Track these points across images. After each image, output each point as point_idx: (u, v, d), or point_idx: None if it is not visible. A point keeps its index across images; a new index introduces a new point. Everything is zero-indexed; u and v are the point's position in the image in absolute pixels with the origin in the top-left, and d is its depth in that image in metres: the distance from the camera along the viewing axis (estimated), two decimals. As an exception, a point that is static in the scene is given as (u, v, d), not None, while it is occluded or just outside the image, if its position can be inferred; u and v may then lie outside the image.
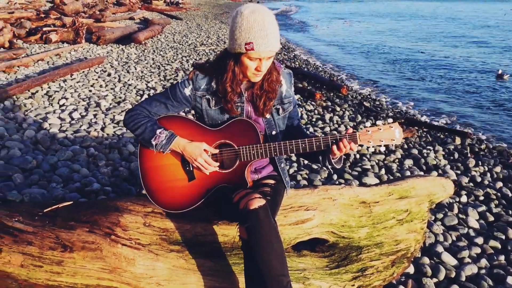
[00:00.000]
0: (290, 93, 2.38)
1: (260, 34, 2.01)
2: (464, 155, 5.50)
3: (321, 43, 20.25)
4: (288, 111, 2.39)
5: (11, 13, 13.93)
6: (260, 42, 2.02)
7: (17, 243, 2.13)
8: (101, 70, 8.50)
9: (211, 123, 2.30)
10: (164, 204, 2.31)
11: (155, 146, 2.21)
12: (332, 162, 2.24)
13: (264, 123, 2.32)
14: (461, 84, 11.49)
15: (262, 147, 2.21)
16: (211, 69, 2.25)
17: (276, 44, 2.07)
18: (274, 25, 2.07)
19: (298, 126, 2.48)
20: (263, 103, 2.24)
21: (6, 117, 5.09)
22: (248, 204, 2.00)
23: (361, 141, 2.19)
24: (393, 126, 2.20)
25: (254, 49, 2.02)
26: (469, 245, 3.39)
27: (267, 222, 1.98)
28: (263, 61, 2.09)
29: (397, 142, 2.20)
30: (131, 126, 2.26)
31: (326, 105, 7.49)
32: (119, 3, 26.37)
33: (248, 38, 2.02)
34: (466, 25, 31.73)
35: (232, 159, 2.25)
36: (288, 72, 2.38)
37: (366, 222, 2.67)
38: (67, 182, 3.67)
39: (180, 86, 2.27)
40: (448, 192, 2.97)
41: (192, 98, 2.28)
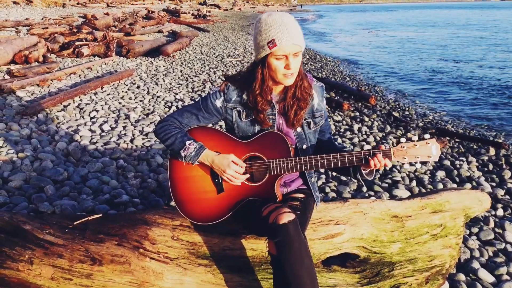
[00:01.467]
0: (322, 107, 2.34)
1: (281, 29, 2.01)
2: (499, 166, 5.31)
3: (348, 52, 20.14)
4: (319, 125, 2.35)
5: (46, 29, 14.43)
6: (282, 36, 2.00)
7: (48, 255, 2.15)
8: (131, 83, 8.65)
9: (242, 135, 2.29)
10: (192, 215, 2.29)
11: (184, 158, 2.20)
12: (363, 174, 2.19)
13: (295, 136, 2.28)
14: (495, 93, 11.18)
15: (293, 161, 2.17)
16: (242, 81, 2.24)
17: (299, 38, 2.04)
18: (293, 22, 2.06)
19: (329, 140, 2.43)
20: (294, 112, 2.21)
21: (39, 129, 5.22)
22: (277, 218, 1.96)
23: (396, 157, 2.12)
24: (430, 142, 2.10)
25: (277, 45, 2.01)
26: (507, 261, 3.25)
27: (297, 238, 1.94)
28: (290, 58, 2.05)
29: (434, 159, 2.10)
30: (161, 136, 2.26)
31: (354, 115, 7.40)
32: (148, 17, 27.00)
33: (269, 37, 2.02)
34: (498, 32, 31.04)
35: (262, 172, 2.22)
36: (320, 86, 2.34)
37: (399, 237, 2.58)
38: (97, 193, 3.71)
39: (211, 97, 2.27)
40: (484, 206, 2.85)
41: (223, 110, 2.28)
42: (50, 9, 28.11)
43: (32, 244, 2.19)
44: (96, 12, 27.73)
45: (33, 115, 5.72)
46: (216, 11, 49.80)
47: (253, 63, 2.21)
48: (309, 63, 14.29)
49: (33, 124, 5.38)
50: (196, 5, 57.29)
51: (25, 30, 14.82)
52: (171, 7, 41.91)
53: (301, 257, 1.93)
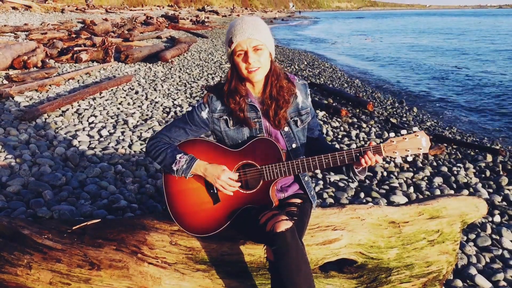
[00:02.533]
0: (307, 104, 2.37)
1: (237, 28, 2.13)
2: (496, 173, 5.34)
3: (345, 58, 20.21)
4: (307, 122, 2.37)
5: (44, 34, 14.46)
6: (236, 33, 2.11)
7: (46, 260, 2.16)
8: (129, 88, 8.67)
9: (232, 143, 2.30)
10: (191, 228, 2.29)
11: (176, 172, 2.21)
12: (356, 172, 2.23)
13: (283, 136, 2.30)
14: (493, 100, 11.24)
15: (285, 165, 2.18)
16: (221, 88, 2.27)
17: (255, 32, 2.11)
18: (254, 20, 2.16)
19: (320, 137, 2.46)
20: (273, 111, 2.23)
21: (38, 134, 5.23)
22: (275, 226, 1.97)
23: (386, 152, 2.14)
24: (419, 135, 2.13)
25: (233, 42, 2.11)
26: (504, 267, 3.26)
27: (294, 245, 1.95)
28: (250, 53, 2.11)
29: (424, 150, 2.12)
30: (152, 154, 2.28)
31: (352, 121, 7.42)
32: (147, 23, 27.09)
33: (228, 37, 2.16)
34: (492, 39, 31.23)
35: (256, 179, 2.23)
36: (302, 83, 2.38)
37: (396, 243, 2.60)
38: (95, 198, 3.72)
39: (196, 110, 2.30)
40: (481, 212, 2.87)
41: (210, 121, 2.30)
42: (49, 14, 28.18)
43: (30, 248, 2.20)
44: (95, 18, 27.82)
45: (31, 120, 5.73)
46: (214, 17, 50.02)
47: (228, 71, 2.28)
48: (307, 69, 14.34)
49: (32, 129, 5.39)
50: (195, 11, 57.53)
51: (24, 36, 14.85)
52: (169, 13, 42.09)
53: (299, 264, 1.94)
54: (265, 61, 2.16)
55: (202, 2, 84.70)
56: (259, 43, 2.12)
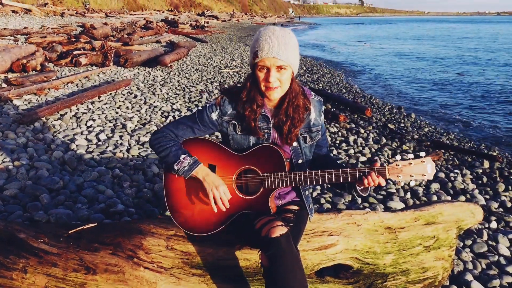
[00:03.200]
0: (319, 122, 2.34)
1: (266, 42, 2.06)
2: (493, 179, 5.35)
3: (343, 64, 20.27)
4: (316, 140, 2.36)
5: (44, 37, 14.48)
6: (263, 48, 2.06)
7: (42, 264, 2.16)
8: (128, 92, 8.68)
9: (237, 147, 2.30)
10: (187, 226, 2.30)
11: (177, 171, 2.21)
12: (358, 191, 2.22)
13: (290, 151, 2.29)
14: (491, 107, 11.28)
15: (288, 175, 2.18)
16: (237, 93, 2.25)
17: (283, 53, 2.06)
18: (284, 37, 2.08)
19: (326, 155, 2.44)
20: (287, 128, 2.21)
21: (36, 138, 5.23)
22: (270, 232, 1.98)
23: (390, 175, 2.12)
24: (425, 161, 2.10)
25: (258, 56, 2.07)
26: (500, 273, 3.26)
27: (289, 251, 1.96)
28: (272, 71, 2.08)
29: (429, 177, 2.09)
30: (156, 148, 2.27)
31: (350, 127, 7.44)
32: (146, 27, 27.15)
33: (255, 48, 2.09)
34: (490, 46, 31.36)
35: (257, 185, 2.24)
36: (318, 100, 2.35)
37: (392, 249, 2.60)
38: (92, 202, 3.72)
39: (207, 110, 2.28)
40: (477, 219, 2.88)
41: (219, 123, 2.29)
42: (48, 18, 28.24)
43: (26, 252, 2.20)
44: (95, 21, 27.88)
45: (29, 124, 5.73)
46: (214, 22, 50.13)
47: (247, 76, 2.25)
48: (306, 74, 14.37)
49: (30, 133, 5.39)
50: (195, 16, 57.68)
51: (23, 39, 14.86)
52: (169, 18, 42.19)
53: (293, 270, 1.94)
54: (286, 80, 2.13)
55: (202, 7, 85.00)
56: (283, 64, 2.08)
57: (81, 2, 44.52)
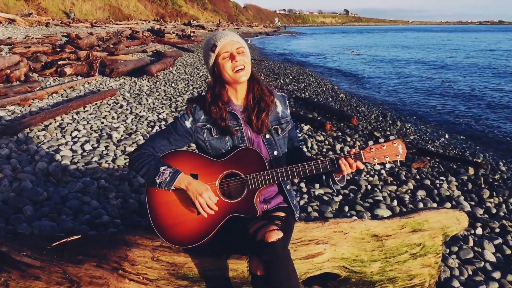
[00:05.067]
0: (287, 114, 2.47)
1: (218, 35, 2.30)
2: (478, 186, 5.41)
3: (330, 72, 20.43)
4: (287, 131, 2.45)
5: (28, 48, 14.34)
6: (219, 38, 2.27)
7: (24, 278, 2.11)
8: (114, 102, 8.63)
9: (215, 153, 2.32)
10: (175, 240, 2.27)
11: (159, 184, 2.20)
12: (335, 181, 2.29)
13: (265, 144, 2.35)
14: (476, 114, 11.44)
15: (269, 173, 2.22)
16: (203, 99, 2.35)
17: (236, 36, 2.29)
18: (229, 30, 2.32)
19: (298, 148, 2.54)
20: (256, 115, 2.32)
21: (19, 149, 5.15)
22: (266, 236, 1.99)
23: (366, 159, 2.23)
24: (396, 142, 2.25)
25: (217, 45, 2.24)
26: (486, 279, 3.29)
27: (285, 256, 1.97)
28: (235, 55, 2.24)
29: (401, 157, 2.24)
30: (136, 166, 2.27)
31: (336, 135, 7.48)
32: (132, 37, 27.09)
33: (210, 45, 2.29)
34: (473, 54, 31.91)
35: (240, 188, 2.25)
36: (281, 95, 2.49)
37: (379, 256, 2.61)
38: (77, 214, 3.66)
39: (180, 119, 2.34)
40: (462, 225, 2.90)
41: (193, 130, 2.33)
42: (33, 28, 28.00)
43: (8, 266, 2.15)
44: (80, 31, 27.71)
45: (13, 135, 5.65)
46: (200, 32, 50.21)
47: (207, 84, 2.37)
48: (292, 83, 14.44)
49: (13, 144, 5.31)
50: (181, 26, 57.73)
51: (7, 49, 14.71)
52: (155, 27, 42.14)
53: (289, 275, 1.94)
54: (248, 62, 2.29)
55: (188, 17, 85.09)
56: (240, 46, 2.28)
57: (64, 13, 44.20)
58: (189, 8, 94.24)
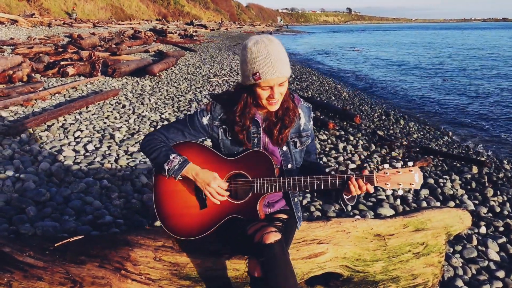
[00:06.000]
0: (309, 127, 2.38)
1: (265, 62, 2.05)
2: (482, 185, 5.39)
3: (333, 71, 20.39)
4: (305, 145, 2.38)
5: (31, 48, 14.38)
6: (266, 70, 2.05)
7: (27, 278, 2.12)
8: (116, 102, 8.64)
9: (227, 152, 2.30)
10: (174, 230, 2.28)
11: (167, 171, 2.20)
12: (345, 200, 2.21)
13: (280, 155, 2.31)
14: (479, 113, 11.40)
15: (277, 180, 2.18)
16: (227, 100, 2.28)
17: (283, 69, 2.09)
18: (278, 52, 2.09)
19: (315, 162, 2.46)
20: (278, 130, 2.24)
21: (22, 149, 5.16)
22: (263, 238, 1.97)
23: (378, 182, 2.13)
24: (413, 170, 2.13)
25: (261, 78, 2.06)
26: (490, 278, 3.27)
27: (283, 257, 1.95)
28: (275, 89, 2.10)
29: (416, 187, 2.12)
30: (147, 150, 2.27)
31: (339, 134, 7.46)
32: (135, 37, 27.11)
33: (254, 69, 2.06)
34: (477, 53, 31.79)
35: (246, 190, 2.23)
36: (307, 106, 2.39)
37: (381, 256, 2.60)
38: (79, 214, 3.67)
39: (198, 115, 2.31)
40: (465, 224, 2.89)
41: (209, 128, 2.30)
42: (35, 28, 28.07)
43: (11, 266, 2.15)
44: (82, 32, 27.78)
45: (16, 135, 5.66)
46: (203, 31, 50.24)
47: (240, 85, 2.25)
48: (295, 82, 14.43)
49: (16, 144, 5.32)
50: (183, 25, 57.74)
51: (10, 50, 14.75)
52: (158, 27, 42.17)
53: (286, 276, 1.93)
54: (284, 92, 2.18)
55: (190, 16, 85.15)
56: (284, 80, 2.12)
57: (66, 13, 44.28)
58: (191, 8, 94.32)
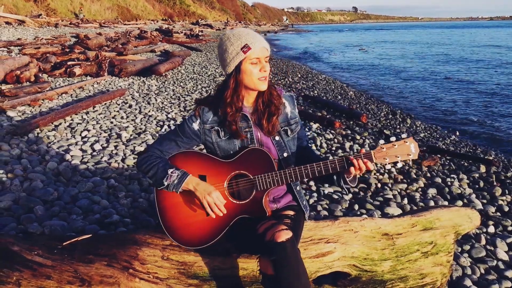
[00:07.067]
0: (295, 114, 2.42)
1: (250, 36, 2.16)
2: (490, 184, 5.35)
3: (339, 70, 20.35)
4: (296, 132, 2.41)
5: (38, 48, 14.46)
6: (253, 41, 2.14)
7: (36, 277, 2.12)
8: (123, 102, 8.66)
9: (223, 154, 2.30)
10: (185, 241, 2.27)
11: (167, 187, 2.20)
12: (347, 181, 2.23)
13: (275, 145, 2.32)
14: (486, 111, 11.33)
15: (278, 174, 2.19)
16: (214, 100, 2.29)
17: (266, 43, 2.19)
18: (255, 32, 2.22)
19: (308, 147, 2.49)
20: (266, 119, 2.27)
21: (30, 149, 5.19)
22: (275, 236, 1.97)
23: (377, 159, 2.16)
24: (408, 141, 2.17)
25: (251, 48, 2.12)
26: (498, 278, 3.25)
27: (294, 256, 1.95)
28: (263, 62, 2.17)
29: (414, 157, 2.16)
30: (143, 168, 2.26)
31: (345, 133, 7.44)
32: (141, 37, 27.19)
33: (242, 43, 2.14)
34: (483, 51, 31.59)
35: (248, 189, 2.23)
36: (289, 95, 2.44)
37: (389, 255, 2.58)
38: (87, 213, 3.68)
39: (188, 122, 2.31)
40: (474, 223, 2.86)
41: (201, 132, 2.30)
42: (42, 29, 28.21)
43: (20, 265, 2.16)
44: (89, 32, 27.87)
45: (23, 135, 5.70)
46: (208, 31, 50.26)
47: (222, 82, 2.29)
48: (301, 81, 14.41)
49: (24, 144, 5.35)
50: (189, 25, 57.82)
51: (17, 50, 14.84)
52: (163, 27, 42.25)
53: (299, 275, 1.93)
54: (269, 70, 2.22)
55: (196, 16, 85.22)
56: (268, 55, 2.21)
57: (72, 13, 44.50)
58: (197, 8, 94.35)
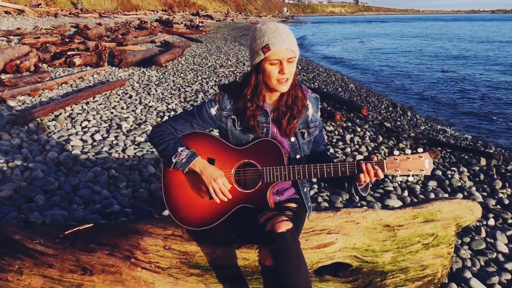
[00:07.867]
0: (316, 118, 2.37)
1: (274, 35, 2.07)
2: (490, 177, 5.36)
3: (340, 62, 20.29)
4: (313, 136, 2.37)
5: (37, 38, 14.39)
6: (275, 42, 2.06)
7: (38, 265, 2.13)
8: (123, 93, 8.64)
9: (236, 142, 2.29)
10: (184, 220, 2.28)
11: (174, 164, 2.20)
12: (358, 189, 2.18)
13: (288, 146, 2.29)
14: (487, 104, 11.31)
15: (286, 169, 2.17)
16: (236, 89, 2.26)
17: (292, 43, 2.10)
18: (287, 29, 2.13)
19: (323, 152, 2.44)
20: (287, 120, 2.23)
21: (30, 139, 5.18)
22: (275, 226, 1.97)
23: (388, 169, 2.11)
24: (423, 156, 2.10)
25: (271, 49, 2.06)
26: (498, 270, 3.26)
27: (294, 246, 1.95)
28: (284, 63, 2.09)
29: (427, 173, 2.10)
30: (155, 142, 2.27)
31: (346, 125, 7.43)
32: (141, 27, 27.06)
33: (263, 42, 2.08)
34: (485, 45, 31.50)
35: (255, 179, 2.23)
36: (315, 97, 2.37)
37: (391, 246, 2.59)
38: (88, 203, 3.68)
39: (206, 105, 2.29)
40: (475, 216, 2.87)
41: (218, 118, 2.29)
42: (42, 19, 28.08)
43: (21, 254, 2.17)
44: (89, 22, 27.75)
45: (24, 125, 5.68)
46: (209, 22, 50.03)
47: (248, 72, 2.24)
48: (301, 73, 14.37)
49: (24, 134, 5.34)
50: (189, 16, 57.55)
51: (17, 40, 14.76)
52: (164, 18, 42.07)
53: (299, 266, 1.93)
54: (293, 72, 2.16)
55: (196, 7, 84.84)
56: (293, 56, 2.11)
57: (72, 3, 44.25)
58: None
